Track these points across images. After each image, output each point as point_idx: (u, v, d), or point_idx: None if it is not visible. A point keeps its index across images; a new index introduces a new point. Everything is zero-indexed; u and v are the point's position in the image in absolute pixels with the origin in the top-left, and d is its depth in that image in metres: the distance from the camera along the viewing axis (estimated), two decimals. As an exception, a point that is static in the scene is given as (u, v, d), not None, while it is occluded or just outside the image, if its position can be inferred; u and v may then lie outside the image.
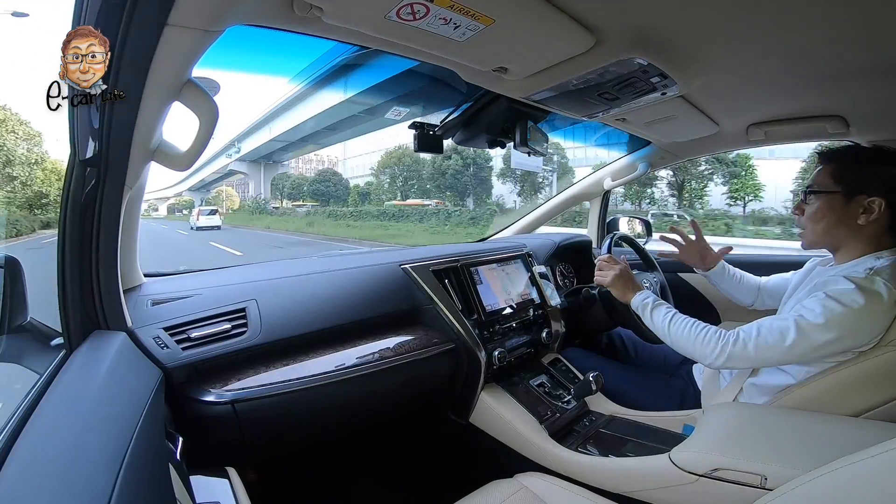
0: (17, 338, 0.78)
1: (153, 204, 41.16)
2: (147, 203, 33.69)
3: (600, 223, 1.95)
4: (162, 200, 44.52)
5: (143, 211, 0.88)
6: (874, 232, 0.89)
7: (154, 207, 40.92)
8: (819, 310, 0.81)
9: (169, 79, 0.59)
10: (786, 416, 0.83)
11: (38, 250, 5.20)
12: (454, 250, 1.37)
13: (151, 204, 40.39)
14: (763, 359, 0.86)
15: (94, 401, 0.54)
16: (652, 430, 1.09)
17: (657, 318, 1.00)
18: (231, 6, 0.54)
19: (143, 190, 0.82)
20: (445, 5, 0.61)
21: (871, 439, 0.44)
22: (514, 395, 1.17)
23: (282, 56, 0.89)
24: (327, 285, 1.08)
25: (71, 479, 0.40)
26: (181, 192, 44.98)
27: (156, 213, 39.74)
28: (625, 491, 0.87)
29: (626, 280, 1.11)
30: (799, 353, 0.83)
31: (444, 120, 1.21)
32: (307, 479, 1.27)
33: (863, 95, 1.02)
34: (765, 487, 0.70)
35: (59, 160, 8.80)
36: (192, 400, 0.78)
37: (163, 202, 44.11)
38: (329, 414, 0.97)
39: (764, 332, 0.86)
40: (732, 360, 0.88)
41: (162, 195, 43.69)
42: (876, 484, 0.40)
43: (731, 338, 0.88)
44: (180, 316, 0.85)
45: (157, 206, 41.44)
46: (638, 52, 0.78)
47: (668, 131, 1.37)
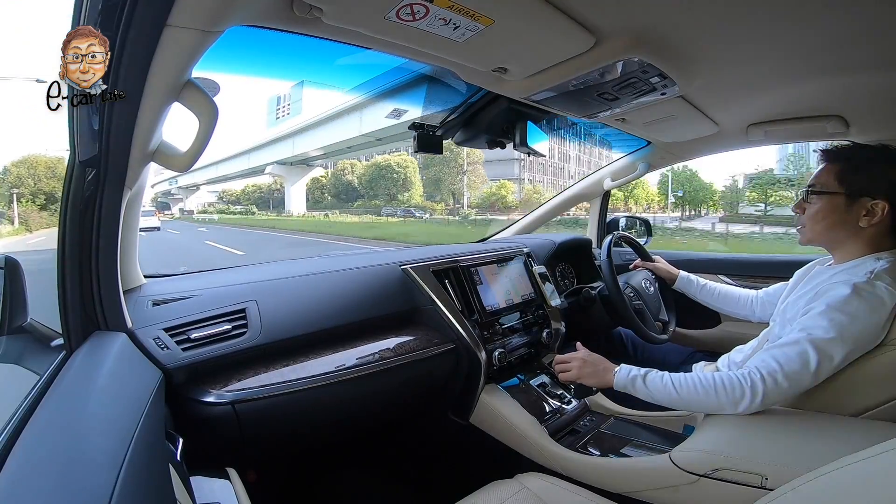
0: (17, 338, 0.78)
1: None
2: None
3: (600, 223, 1.95)
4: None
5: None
6: (875, 234, 0.88)
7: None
8: (826, 324, 0.80)
9: (169, 79, 0.59)
10: (786, 416, 0.83)
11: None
12: (454, 250, 1.37)
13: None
14: (796, 389, 0.81)
15: (95, 401, 0.54)
16: (652, 430, 1.09)
17: (655, 386, 0.89)
18: (231, 6, 0.54)
19: (143, 190, 0.82)
20: (445, 6, 0.61)
21: (871, 439, 0.44)
22: (514, 396, 1.17)
23: (282, 57, 0.89)
24: (327, 286, 1.08)
25: (71, 479, 0.40)
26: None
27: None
28: (625, 491, 0.87)
29: (595, 363, 1.01)
30: (825, 374, 0.80)
31: (444, 120, 1.21)
32: (307, 480, 1.27)
33: (862, 95, 1.02)
34: (765, 487, 0.69)
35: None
36: (193, 401, 0.78)
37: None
38: (329, 414, 0.97)
39: (783, 360, 0.81)
40: (770, 399, 0.81)
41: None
42: (876, 484, 0.40)
43: (756, 377, 0.81)
44: (180, 317, 0.85)
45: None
46: (638, 52, 0.78)
47: (667, 131, 1.37)
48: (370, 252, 1.46)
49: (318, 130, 25.41)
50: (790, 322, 0.89)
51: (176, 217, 42.93)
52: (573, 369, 1.03)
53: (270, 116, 30.18)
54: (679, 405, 0.89)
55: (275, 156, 31.02)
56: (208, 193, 49.35)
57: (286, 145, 29.21)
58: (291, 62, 0.94)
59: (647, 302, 1.38)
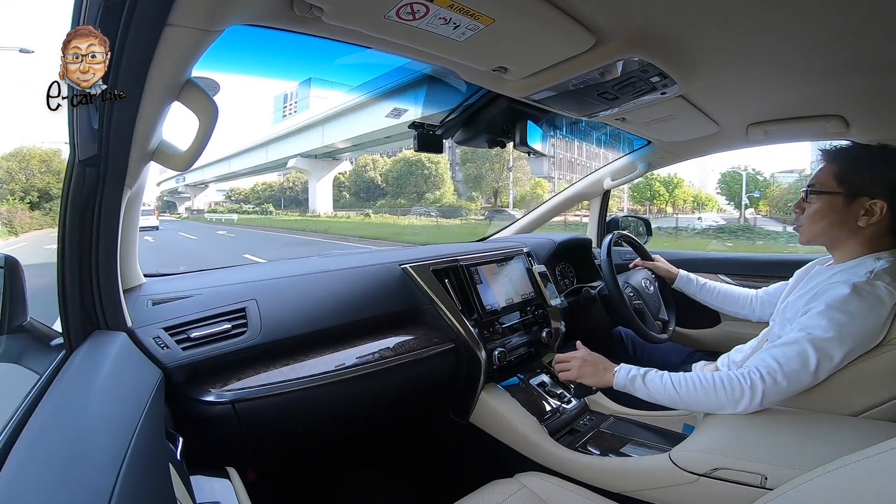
0: (16, 338, 0.78)
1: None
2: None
3: (600, 223, 1.95)
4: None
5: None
6: (874, 233, 0.88)
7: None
8: (826, 323, 0.80)
9: (169, 79, 0.59)
10: (786, 416, 0.83)
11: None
12: (454, 250, 1.37)
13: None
14: (795, 389, 0.82)
15: (95, 401, 0.54)
16: (652, 429, 1.09)
17: (655, 386, 0.89)
18: (231, 6, 0.54)
19: (142, 190, 0.82)
20: (445, 5, 0.61)
21: (871, 439, 0.44)
22: (514, 395, 1.17)
23: (281, 57, 0.89)
24: (327, 285, 1.08)
25: (71, 478, 0.40)
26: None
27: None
28: (625, 490, 0.87)
29: (595, 362, 1.00)
30: (825, 373, 0.80)
31: (445, 120, 1.21)
32: (307, 479, 1.27)
33: (862, 95, 1.02)
34: (765, 487, 0.70)
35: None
36: (193, 400, 0.78)
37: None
38: (329, 414, 0.97)
39: (783, 360, 0.81)
40: (769, 399, 0.81)
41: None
42: (876, 484, 0.40)
43: (755, 377, 0.81)
44: (180, 316, 0.85)
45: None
46: (638, 51, 0.78)
47: (667, 131, 1.37)
48: (370, 252, 1.46)
49: (351, 117, 22.03)
50: (790, 322, 0.89)
51: (184, 217, 40.48)
52: (573, 369, 1.03)
53: (277, 114, 29.00)
54: (679, 405, 0.89)
55: (299, 147, 27.34)
56: (216, 193, 47.55)
57: (313, 135, 25.23)
58: (291, 62, 0.94)
59: (646, 301, 1.38)
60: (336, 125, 23.51)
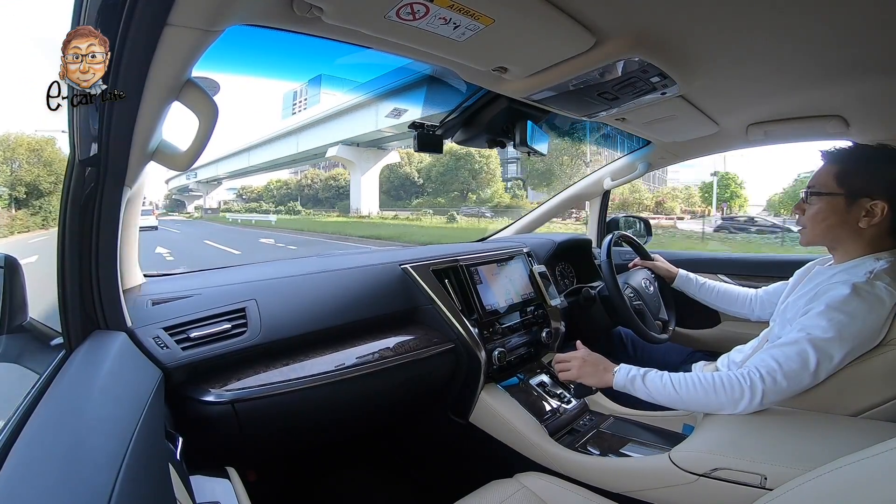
0: (16, 337, 0.78)
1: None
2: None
3: (600, 223, 1.95)
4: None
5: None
6: (874, 234, 0.88)
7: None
8: (826, 323, 0.80)
9: (169, 79, 0.59)
10: (786, 416, 0.83)
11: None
12: (454, 250, 1.37)
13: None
14: (795, 389, 0.82)
15: (94, 401, 0.54)
16: (652, 429, 1.09)
17: (655, 386, 0.89)
18: (231, 6, 0.54)
19: (142, 190, 0.82)
20: (445, 5, 0.61)
21: (871, 439, 0.44)
22: (513, 395, 1.17)
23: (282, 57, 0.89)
24: (327, 285, 1.08)
25: (70, 478, 0.40)
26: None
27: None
28: (625, 490, 0.87)
29: (595, 362, 1.01)
30: (825, 373, 0.80)
31: (445, 120, 1.21)
32: (307, 479, 1.27)
33: (862, 95, 1.02)
34: (765, 487, 0.70)
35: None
36: (192, 400, 0.78)
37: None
38: (329, 414, 0.97)
39: (782, 360, 0.81)
40: (769, 398, 0.81)
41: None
42: (876, 484, 0.40)
43: (755, 377, 0.81)
44: (180, 316, 0.85)
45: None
46: (638, 52, 0.78)
47: (668, 131, 1.37)
48: (370, 251, 1.46)
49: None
50: (790, 322, 0.89)
51: (195, 217, 35.68)
52: (573, 369, 1.03)
53: (286, 111, 26.64)
54: (678, 405, 0.89)
55: (336, 135, 21.60)
56: (225, 192, 43.76)
57: (366, 117, 19.28)
58: (291, 62, 0.94)
59: (646, 301, 1.38)
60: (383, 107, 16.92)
